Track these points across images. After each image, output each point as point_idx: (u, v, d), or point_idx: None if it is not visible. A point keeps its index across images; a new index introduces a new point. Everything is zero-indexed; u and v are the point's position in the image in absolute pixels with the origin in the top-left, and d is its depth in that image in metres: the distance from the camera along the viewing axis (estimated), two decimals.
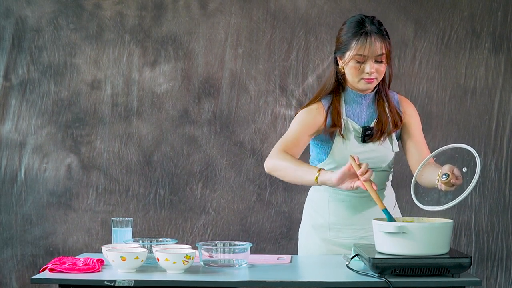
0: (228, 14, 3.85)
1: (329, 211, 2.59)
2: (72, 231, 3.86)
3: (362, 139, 2.54)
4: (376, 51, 2.45)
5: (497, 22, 3.81)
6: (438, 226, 2.18)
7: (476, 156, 2.27)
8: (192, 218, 3.85)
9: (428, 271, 2.13)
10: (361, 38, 2.44)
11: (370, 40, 2.43)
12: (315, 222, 2.63)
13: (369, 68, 2.46)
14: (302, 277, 2.18)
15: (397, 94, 2.65)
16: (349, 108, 2.58)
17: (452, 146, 2.40)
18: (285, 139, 2.52)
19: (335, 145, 2.54)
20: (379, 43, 2.45)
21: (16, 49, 3.87)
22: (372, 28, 2.46)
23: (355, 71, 2.48)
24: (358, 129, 2.55)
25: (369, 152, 2.54)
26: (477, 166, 2.31)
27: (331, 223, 2.59)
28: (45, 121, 3.87)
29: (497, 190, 3.82)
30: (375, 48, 2.44)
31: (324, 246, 2.60)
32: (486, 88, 3.83)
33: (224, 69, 3.85)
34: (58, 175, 3.86)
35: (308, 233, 2.65)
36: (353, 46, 2.45)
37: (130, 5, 3.86)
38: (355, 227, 2.57)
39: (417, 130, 2.63)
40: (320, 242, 2.60)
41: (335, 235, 2.58)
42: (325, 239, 2.60)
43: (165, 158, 3.85)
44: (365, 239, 2.56)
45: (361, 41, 2.43)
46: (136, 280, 2.11)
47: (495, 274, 3.82)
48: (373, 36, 2.44)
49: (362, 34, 2.44)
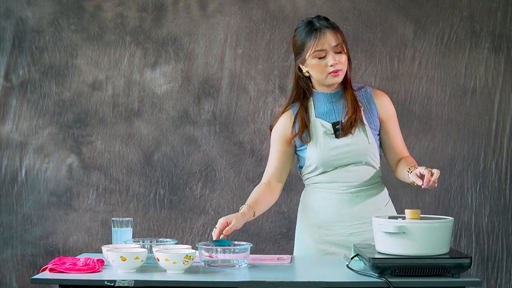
0: (227, 15, 3.85)
1: (318, 210, 2.62)
2: (73, 231, 3.86)
3: (335, 135, 2.56)
4: (332, 42, 2.51)
5: (496, 22, 3.81)
6: (438, 226, 2.18)
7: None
8: (192, 218, 3.85)
9: (428, 271, 2.13)
10: (314, 34, 2.51)
11: (322, 33, 2.50)
12: (305, 222, 2.66)
13: (332, 60, 2.51)
14: (302, 277, 2.19)
15: (370, 87, 2.67)
16: (318, 109, 2.61)
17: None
18: (267, 167, 2.67)
19: (309, 147, 2.58)
20: (332, 35, 2.51)
21: (16, 50, 3.87)
22: (322, 23, 2.53)
23: (319, 68, 2.53)
24: (328, 126, 2.57)
25: (344, 146, 2.56)
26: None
27: (319, 221, 2.61)
28: (46, 121, 3.87)
29: (497, 191, 3.82)
30: (330, 40, 2.51)
31: (314, 245, 2.62)
32: (486, 88, 3.83)
33: (224, 69, 3.86)
34: (58, 175, 3.86)
35: (300, 233, 2.68)
36: (309, 45, 2.51)
37: (130, 6, 3.86)
38: (342, 224, 2.59)
39: (393, 124, 2.65)
40: (310, 241, 2.62)
41: (324, 233, 2.60)
42: (315, 238, 2.62)
43: (165, 158, 3.86)
44: (353, 235, 2.58)
45: (315, 37, 2.50)
46: (136, 280, 2.11)
47: (496, 274, 3.82)
48: (324, 29, 2.51)
49: (313, 31, 2.51)
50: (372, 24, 3.83)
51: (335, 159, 2.56)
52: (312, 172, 2.61)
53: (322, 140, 2.56)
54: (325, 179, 2.60)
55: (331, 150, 2.55)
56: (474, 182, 3.81)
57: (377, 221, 2.23)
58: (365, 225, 2.58)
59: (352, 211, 2.58)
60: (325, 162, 2.57)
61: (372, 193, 2.61)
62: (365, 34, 3.81)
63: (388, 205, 2.68)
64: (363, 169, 2.59)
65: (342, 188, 2.58)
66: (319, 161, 2.57)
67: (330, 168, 2.58)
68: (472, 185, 3.81)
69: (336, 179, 2.59)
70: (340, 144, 2.56)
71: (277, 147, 2.65)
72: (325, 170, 2.58)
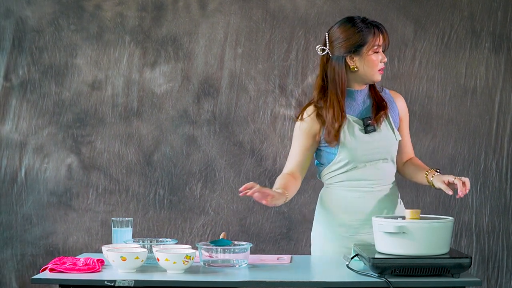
0: (227, 14, 3.85)
1: (347, 209, 2.60)
2: (72, 231, 3.86)
3: (365, 130, 2.58)
4: (386, 40, 2.61)
5: (497, 22, 3.81)
6: (438, 226, 2.18)
7: None
8: (192, 218, 3.85)
9: (428, 271, 2.13)
10: (375, 29, 2.58)
11: (381, 30, 2.59)
12: (329, 223, 2.63)
13: (384, 58, 2.61)
14: (302, 277, 2.18)
15: (387, 89, 2.74)
16: (348, 106, 2.63)
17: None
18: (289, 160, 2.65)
19: (342, 141, 2.57)
20: (383, 34, 2.60)
21: (16, 50, 3.87)
22: (372, 22, 2.61)
23: (374, 63, 2.58)
24: (359, 121, 2.60)
25: (374, 142, 2.58)
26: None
27: (350, 221, 2.59)
28: (46, 121, 3.87)
29: (497, 191, 3.81)
30: (384, 38, 2.60)
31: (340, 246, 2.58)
32: (487, 88, 3.82)
33: (224, 69, 3.85)
34: (58, 175, 3.86)
35: (321, 235, 2.64)
36: (371, 39, 2.56)
37: (130, 6, 3.86)
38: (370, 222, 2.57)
39: (406, 125, 2.75)
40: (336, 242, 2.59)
41: (355, 232, 2.58)
42: (342, 238, 2.58)
43: (164, 158, 3.85)
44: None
45: (376, 32, 2.58)
46: (136, 280, 2.11)
47: (496, 274, 3.82)
48: (380, 26, 2.60)
49: (373, 26, 2.59)
50: None
51: (366, 154, 2.58)
52: (341, 168, 2.59)
53: (354, 135, 2.57)
54: (354, 176, 2.59)
55: (364, 144, 2.57)
56: (474, 182, 3.81)
57: (377, 221, 2.23)
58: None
59: (379, 209, 2.60)
60: (357, 157, 2.57)
61: (394, 190, 2.67)
62: None
63: (401, 206, 2.72)
64: (389, 166, 2.64)
65: (371, 186, 2.60)
66: (351, 156, 2.57)
67: (361, 163, 2.58)
68: (473, 185, 3.81)
69: (365, 176, 2.59)
70: (370, 140, 2.58)
71: (301, 141, 2.63)
72: (356, 166, 2.58)
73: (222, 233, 2.43)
